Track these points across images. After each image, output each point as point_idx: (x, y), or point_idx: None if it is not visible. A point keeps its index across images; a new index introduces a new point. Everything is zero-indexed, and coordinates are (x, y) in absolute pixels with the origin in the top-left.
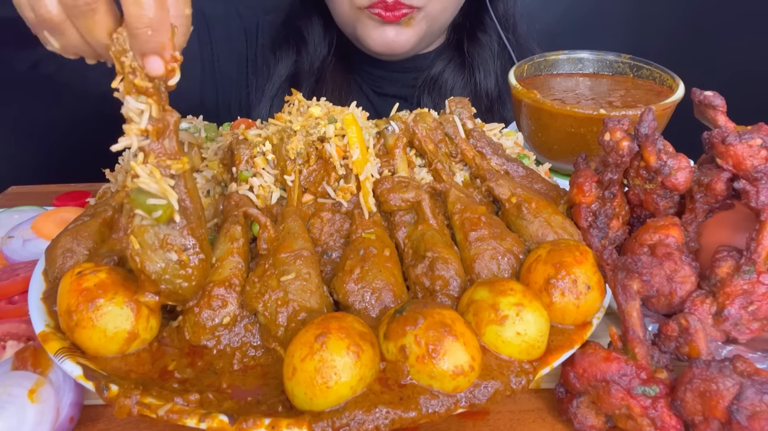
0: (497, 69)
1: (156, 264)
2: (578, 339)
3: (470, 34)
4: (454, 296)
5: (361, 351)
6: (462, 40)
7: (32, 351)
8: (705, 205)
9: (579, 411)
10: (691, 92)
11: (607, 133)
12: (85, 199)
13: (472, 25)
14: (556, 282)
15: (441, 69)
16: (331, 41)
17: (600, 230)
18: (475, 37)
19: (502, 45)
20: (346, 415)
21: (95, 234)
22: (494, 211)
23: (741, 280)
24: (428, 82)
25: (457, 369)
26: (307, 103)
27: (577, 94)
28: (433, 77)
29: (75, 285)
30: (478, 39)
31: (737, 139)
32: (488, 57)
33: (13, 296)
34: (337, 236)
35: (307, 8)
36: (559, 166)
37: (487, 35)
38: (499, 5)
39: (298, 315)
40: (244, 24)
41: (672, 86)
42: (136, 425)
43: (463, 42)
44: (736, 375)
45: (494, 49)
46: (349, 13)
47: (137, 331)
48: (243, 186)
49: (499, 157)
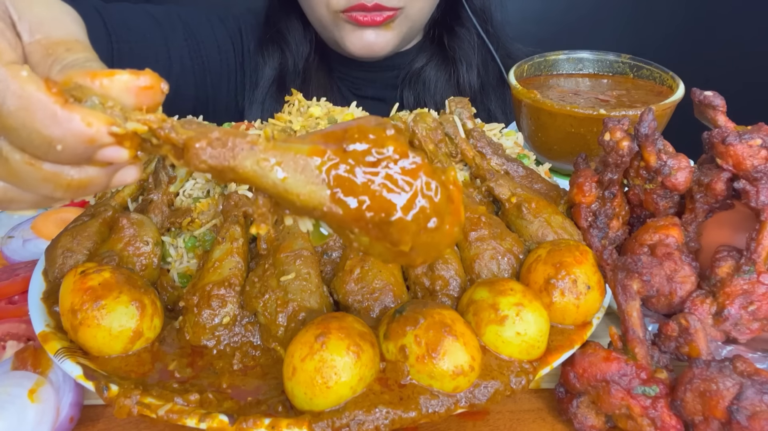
0: (478, 61)
1: None
2: (578, 339)
3: (449, 29)
4: (454, 296)
5: (361, 351)
6: (442, 35)
7: (32, 351)
8: (705, 205)
9: (579, 411)
10: (691, 92)
11: (607, 133)
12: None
13: (450, 19)
14: (556, 282)
15: (422, 64)
16: (311, 39)
17: (600, 230)
18: (453, 31)
19: (481, 38)
20: (346, 415)
21: (95, 234)
22: (494, 211)
23: (741, 280)
24: (409, 78)
25: (457, 369)
26: (307, 103)
27: (577, 94)
28: (414, 72)
29: (79, 284)
30: (457, 32)
31: (737, 139)
32: (469, 50)
33: (13, 296)
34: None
35: (284, 7)
36: (559, 166)
37: (465, 28)
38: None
39: (298, 315)
40: (228, 30)
41: (672, 86)
42: (136, 425)
43: (443, 37)
44: (736, 375)
45: (474, 42)
46: (326, 17)
47: (142, 330)
48: (242, 186)
49: (499, 157)
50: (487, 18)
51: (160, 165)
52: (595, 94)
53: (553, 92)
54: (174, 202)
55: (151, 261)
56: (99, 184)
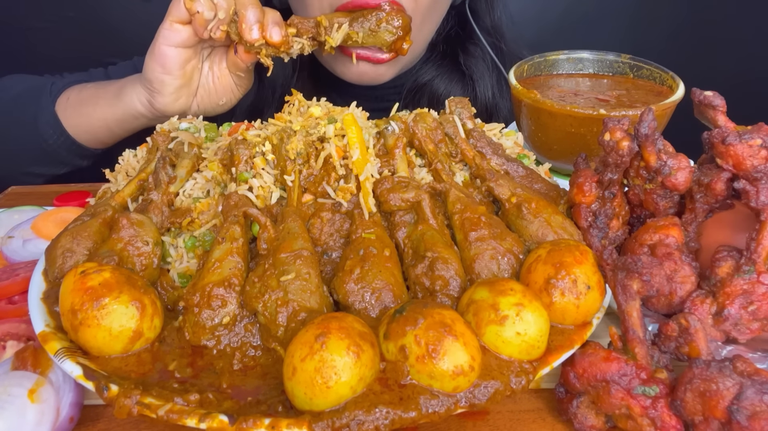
0: (492, 80)
1: None
2: (578, 339)
3: (463, 47)
4: (454, 296)
5: (361, 351)
6: (455, 51)
7: (32, 351)
8: (705, 205)
9: (579, 411)
10: (691, 92)
11: (607, 133)
12: (85, 199)
13: (463, 37)
14: (556, 282)
15: (430, 77)
16: (294, 64)
17: (600, 230)
18: (467, 50)
19: (495, 56)
20: (346, 415)
21: (95, 234)
22: (494, 210)
23: (741, 280)
24: (414, 92)
25: (457, 369)
26: (307, 103)
27: (577, 94)
28: (419, 86)
29: (79, 284)
30: (470, 51)
31: (737, 139)
32: (484, 70)
33: (13, 296)
34: (337, 236)
35: None
36: (559, 166)
37: (477, 47)
38: (486, 18)
39: (298, 315)
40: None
41: (672, 86)
42: (136, 425)
43: (458, 55)
44: (736, 375)
45: (488, 61)
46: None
47: (142, 330)
48: (242, 186)
49: (499, 157)
50: (499, 36)
51: (160, 165)
52: (595, 94)
53: (553, 92)
54: (174, 202)
55: (151, 261)
56: None
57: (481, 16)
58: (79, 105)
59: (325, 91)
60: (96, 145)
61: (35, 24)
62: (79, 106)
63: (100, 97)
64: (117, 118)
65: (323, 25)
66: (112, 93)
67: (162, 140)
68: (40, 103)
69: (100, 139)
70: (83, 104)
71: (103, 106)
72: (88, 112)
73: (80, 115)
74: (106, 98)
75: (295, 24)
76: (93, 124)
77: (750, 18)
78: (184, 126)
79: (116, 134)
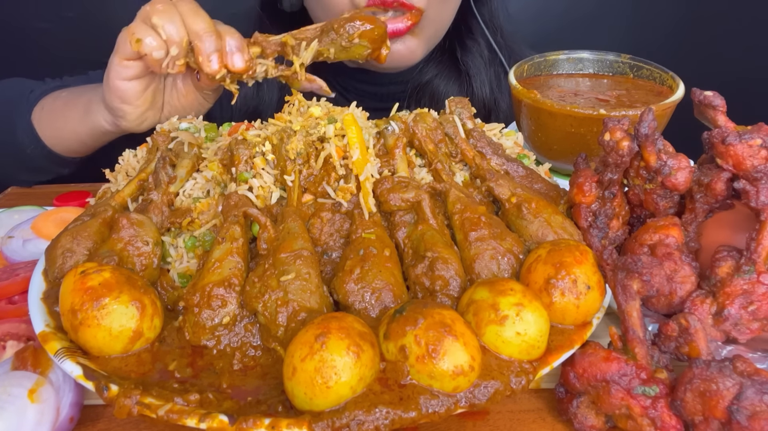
0: (491, 76)
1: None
2: (578, 339)
3: (461, 43)
4: (454, 296)
5: (361, 351)
6: (453, 47)
7: (32, 351)
8: (705, 205)
9: (579, 411)
10: (691, 92)
11: (607, 133)
12: (85, 199)
13: (462, 32)
14: (556, 282)
15: (431, 76)
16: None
17: (600, 230)
18: (465, 46)
19: (492, 51)
20: (346, 415)
21: (95, 234)
22: (494, 210)
23: (741, 280)
24: (417, 92)
25: (457, 369)
26: (307, 103)
27: (577, 94)
28: (422, 85)
29: (79, 284)
30: (468, 47)
31: (737, 139)
32: (480, 64)
33: (13, 296)
34: (337, 236)
35: (275, 25)
36: (559, 166)
37: (476, 42)
38: (484, 11)
39: (298, 315)
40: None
41: (672, 86)
42: (136, 425)
43: (456, 50)
44: (736, 375)
45: (485, 56)
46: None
47: (142, 330)
48: (242, 186)
49: (499, 157)
50: (496, 29)
51: (160, 165)
52: (595, 94)
53: (553, 92)
54: (174, 202)
55: (151, 261)
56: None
57: (479, 8)
58: (52, 116)
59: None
60: (72, 155)
61: (35, 24)
62: (52, 118)
63: (70, 109)
64: (87, 133)
65: (289, 44)
66: (82, 107)
67: (162, 140)
68: (19, 111)
69: (74, 149)
70: (55, 116)
71: (73, 120)
72: (60, 125)
73: (53, 127)
74: (76, 111)
75: (259, 42)
76: (66, 137)
77: (750, 18)
78: (184, 126)
79: (90, 146)
